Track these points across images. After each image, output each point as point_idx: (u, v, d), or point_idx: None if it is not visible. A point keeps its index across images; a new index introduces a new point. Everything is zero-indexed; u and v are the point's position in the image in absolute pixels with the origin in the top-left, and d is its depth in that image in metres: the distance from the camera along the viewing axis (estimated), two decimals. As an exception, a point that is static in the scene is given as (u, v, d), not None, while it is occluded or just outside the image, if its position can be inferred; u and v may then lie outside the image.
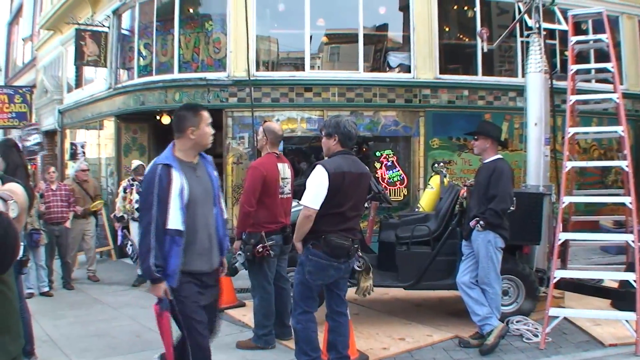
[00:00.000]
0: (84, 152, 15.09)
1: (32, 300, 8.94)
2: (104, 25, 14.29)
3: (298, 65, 12.25)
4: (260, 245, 5.81)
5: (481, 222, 6.01)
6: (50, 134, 19.11)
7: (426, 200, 9.28)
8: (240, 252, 5.97)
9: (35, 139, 15.39)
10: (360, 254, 5.29)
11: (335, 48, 13.10)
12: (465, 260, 6.37)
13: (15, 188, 2.23)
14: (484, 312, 6.06)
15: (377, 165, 11.96)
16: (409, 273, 6.89)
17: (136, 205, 9.71)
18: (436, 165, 9.81)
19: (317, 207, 4.84)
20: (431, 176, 10.03)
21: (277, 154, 6.23)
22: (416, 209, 9.26)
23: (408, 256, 6.96)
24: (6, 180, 2.35)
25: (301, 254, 5.08)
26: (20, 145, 15.77)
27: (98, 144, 15.35)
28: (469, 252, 6.32)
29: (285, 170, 6.24)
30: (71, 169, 13.46)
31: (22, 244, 5.60)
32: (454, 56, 12.78)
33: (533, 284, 6.92)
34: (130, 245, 10.27)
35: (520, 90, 9.56)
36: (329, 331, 5.27)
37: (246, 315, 7.35)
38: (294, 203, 6.29)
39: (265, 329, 6.13)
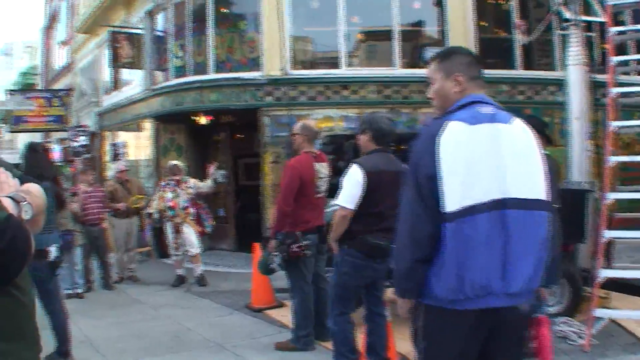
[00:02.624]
0: (124, 153, 15.22)
1: (71, 302, 8.97)
2: (138, 27, 14.37)
3: (333, 63, 12.14)
4: (296, 245, 5.72)
5: None
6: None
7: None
8: (276, 252, 5.89)
9: (82, 140, 15.57)
10: None
11: (370, 45, 12.97)
12: None
13: (32, 189, 2.18)
14: None
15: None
16: None
17: (169, 204, 9.75)
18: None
19: (353, 207, 4.74)
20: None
21: (313, 152, 6.12)
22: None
23: None
24: (25, 180, 2.29)
25: (337, 255, 4.99)
26: (56, 147, 16.08)
27: (137, 146, 15.48)
28: None
29: (321, 169, 6.10)
30: (111, 170, 13.59)
31: (55, 245, 5.69)
32: (491, 50, 12.47)
33: (578, 283, 6.71)
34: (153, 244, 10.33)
35: (560, 84, 9.33)
36: (367, 333, 5.16)
37: (285, 315, 7.26)
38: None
39: (304, 330, 6.04)
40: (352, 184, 4.76)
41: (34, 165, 5.81)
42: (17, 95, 18.16)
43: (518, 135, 2.79)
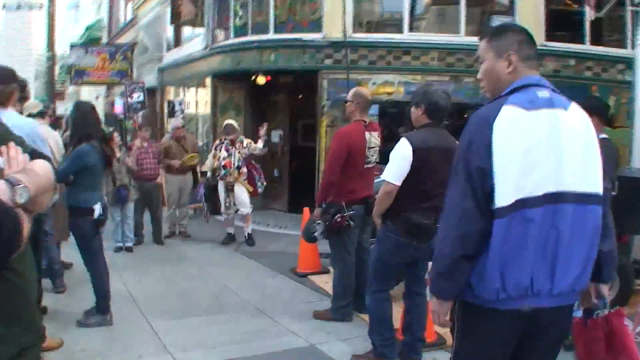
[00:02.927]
0: (182, 110, 15.28)
1: (120, 255, 9.24)
2: (200, -16, 14.32)
3: (396, 27, 11.79)
4: (339, 215, 5.55)
5: None
6: (150, 92, 19.50)
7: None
8: (319, 221, 5.74)
9: (138, 96, 15.65)
10: None
11: (436, 10, 12.54)
12: None
13: (37, 167, 2.09)
14: None
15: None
16: None
17: (222, 163, 9.73)
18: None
19: (399, 183, 4.49)
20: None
21: (365, 121, 5.85)
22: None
23: None
24: (36, 155, 2.20)
25: (379, 230, 4.80)
26: (121, 102, 16.26)
27: (196, 103, 15.53)
28: None
29: (372, 139, 5.86)
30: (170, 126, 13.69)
31: (98, 204, 5.68)
32: (560, 23, 11.82)
33: (629, 276, 6.36)
34: (206, 205, 10.37)
35: (629, 63, 8.84)
36: (405, 311, 5.01)
37: (328, 282, 7.16)
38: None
39: (344, 301, 5.94)
40: (399, 159, 4.52)
41: (82, 124, 5.79)
42: (80, 49, 18.38)
43: (576, 122, 2.52)
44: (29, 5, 14.46)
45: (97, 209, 5.69)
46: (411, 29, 11.67)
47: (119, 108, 19.71)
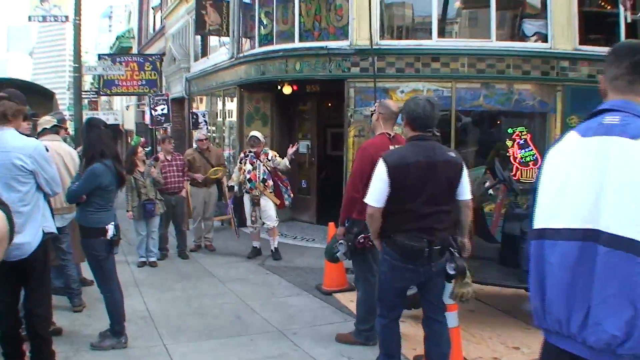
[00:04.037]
0: (205, 121, 15.16)
1: (143, 270, 9.13)
2: (226, -7, 14.19)
3: (424, 33, 11.46)
4: (362, 235, 5.24)
5: None
6: (178, 102, 19.49)
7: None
8: (342, 240, 5.43)
9: (162, 109, 15.59)
10: (456, 254, 4.42)
11: (466, 14, 12.19)
12: None
13: None
14: None
15: (509, 143, 10.97)
16: None
17: (248, 176, 9.53)
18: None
19: (378, 205, 4.28)
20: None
21: (389, 134, 5.50)
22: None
23: None
24: None
25: (380, 253, 4.57)
26: (149, 112, 16.20)
27: (223, 113, 15.39)
28: None
29: None
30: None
31: (112, 224, 5.48)
32: (594, 26, 11.36)
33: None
34: (235, 220, 10.19)
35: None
36: (424, 338, 4.70)
37: (353, 301, 6.78)
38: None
39: (368, 324, 5.61)
40: (375, 180, 4.31)
41: (94, 142, 5.59)
42: (107, 60, 18.46)
43: (637, 154, 2.15)
44: (54, 17, 14.40)
45: (111, 229, 5.50)
46: (440, 34, 11.31)
47: (149, 118, 19.75)
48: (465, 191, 4.37)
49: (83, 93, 29.50)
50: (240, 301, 7.37)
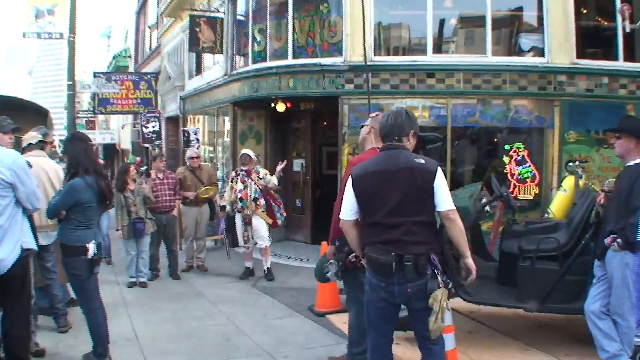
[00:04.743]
0: (197, 139, 14.98)
1: (133, 290, 8.96)
2: (218, 11, 14.09)
3: (419, 49, 11.32)
4: (353, 254, 5.00)
5: (618, 240, 4.82)
6: (173, 120, 19.38)
7: (557, 204, 8.14)
8: (332, 260, 5.19)
9: (154, 126, 15.41)
10: (438, 275, 3.98)
11: (461, 32, 12.05)
12: (596, 285, 5.22)
13: None
14: (613, 348, 4.98)
15: (506, 159, 10.79)
16: (531, 293, 5.81)
17: (239, 195, 9.35)
18: (571, 164, 8.65)
19: (348, 218, 4.18)
20: (564, 177, 8.87)
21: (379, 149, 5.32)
22: (546, 215, 8.10)
23: (531, 273, 5.87)
24: None
25: None
26: (141, 130, 16.05)
27: (215, 132, 15.24)
28: (601, 275, 5.16)
29: None
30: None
31: (92, 243, 5.29)
32: (592, 39, 11.25)
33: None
34: (227, 237, 9.98)
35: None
36: None
37: (347, 322, 6.57)
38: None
39: (361, 347, 5.21)
40: (346, 191, 4.20)
41: (78, 156, 5.40)
42: (101, 78, 18.37)
43: None
44: (49, 34, 14.27)
45: (92, 247, 5.29)
46: (436, 50, 11.18)
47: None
48: (441, 201, 3.99)
49: (81, 112, 29.57)
50: (230, 323, 7.15)
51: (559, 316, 6.66)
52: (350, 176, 4.13)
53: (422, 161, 4.02)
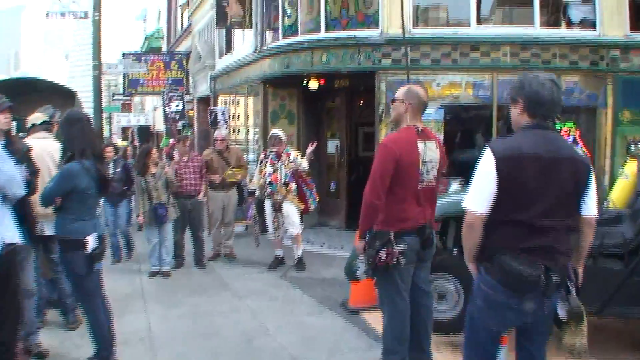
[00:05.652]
0: (225, 120, 14.32)
1: (154, 281, 8.46)
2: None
3: (462, 20, 10.52)
4: (385, 250, 4.27)
5: None
6: (204, 101, 18.86)
7: (618, 192, 7.24)
8: (362, 257, 4.45)
9: (177, 105, 14.71)
10: (573, 291, 3.32)
11: (508, 0, 11.18)
12: None
13: None
14: None
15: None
16: (592, 295, 5.01)
17: (268, 179, 8.70)
18: (633, 146, 7.74)
19: (482, 211, 3.20)
20: (625, 161, 8.01)
21: (418, 127, 4.52)
22: (605, 204, 7.19)
23: (593, 272, 5.05)
24: None
25: (473, 280, 3.44)
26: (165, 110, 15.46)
27: (246, 112, 14.61)
28: None
29: (428, 150, 4.49)
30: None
31: (92, 235, 4.66)
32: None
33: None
34: (256, 224, 9.35)
35: None
36: None
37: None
38: (453, 187, 4.68)
39: (395, 355, 4.56)
40: (482, 176, 3.22)
41: (75, 138, 4.76)
42: (130, 58, 17.89)
43: None
44: (73, 13, 13.74)
45: (91, 240, 4.66)
46: (479, 21, 10.39)
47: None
48: (591, 204, 3.23)
49: (117, 95, 29.28)
50: (254, 320, 6.52)
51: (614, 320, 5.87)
52: (493, 156, 3.17)
53: (580, 152, 3.26)
